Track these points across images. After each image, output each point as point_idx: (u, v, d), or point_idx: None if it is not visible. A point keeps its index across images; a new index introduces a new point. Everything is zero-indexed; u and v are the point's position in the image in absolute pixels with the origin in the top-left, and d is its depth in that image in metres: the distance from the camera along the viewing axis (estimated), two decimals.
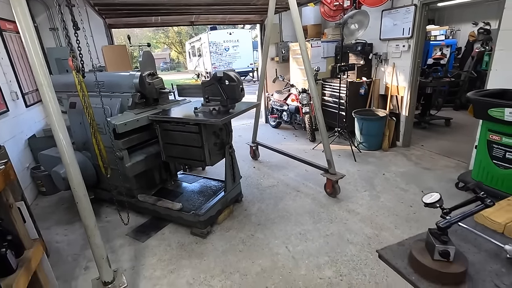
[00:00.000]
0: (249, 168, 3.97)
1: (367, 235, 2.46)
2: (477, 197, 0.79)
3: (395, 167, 3.74)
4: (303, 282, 2.02)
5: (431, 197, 0.87)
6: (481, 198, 0.77)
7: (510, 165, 2.58)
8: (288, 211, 2.89)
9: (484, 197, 0.77)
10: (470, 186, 0.80)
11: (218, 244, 2.46)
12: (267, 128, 5.86)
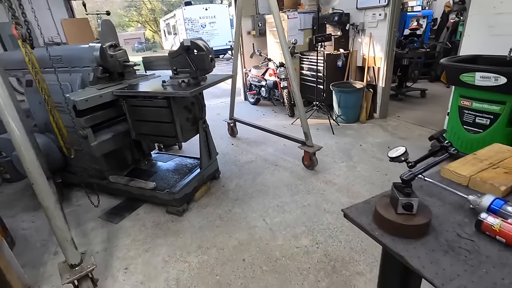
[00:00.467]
0: (227, 145, 3.90)
1: (343, 204, 2.49)
2: (442, 146, 0.75)
3: (372, 138, 3.78)
4: (280, 252, 2.02)
5: (396, 151, 0.83)
6: (445, 147, 0.74)
7: (479, 130, 2.64)
8: (266, 185, 2.87)
9: (448, 145, 0.73)
10: (434, 135, 0.76)
11: (195, 221, 2.42)
12: (246, 106, 5.74)
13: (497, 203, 0.76)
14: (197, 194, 2.70)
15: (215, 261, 1.99)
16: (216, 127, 4.50)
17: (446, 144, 0.73)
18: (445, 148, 0.74)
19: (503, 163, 0.98)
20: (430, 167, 0.76)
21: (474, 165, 0.99)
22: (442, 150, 0.75)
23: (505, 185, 0.87)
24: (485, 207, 0.77)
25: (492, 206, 0.76)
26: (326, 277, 1.80)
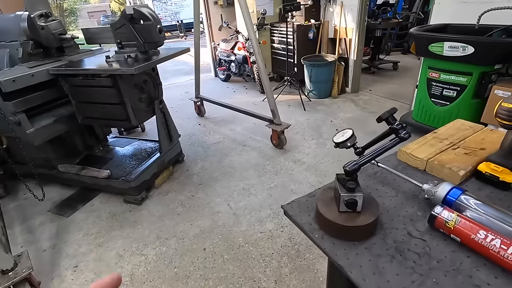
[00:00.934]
0: (194, 126, 3.68)
1: (311, 184, 2.41)
2: (391, 129, 0.61)
3: (343, 113, 3.70)
4: (243, 238, 1.93)
5: (342, 135, 0.69)
6: (395, 129, 0.60)
7: (446, 102, 2.59)
8: (232, 167, 2.73)
9: (399, 128, 0.60)
10: (383, 115, 0.62)
11: (155, 210, 2.25)
12: (216, 82, 5.45)
13: (454, 193, 0.65)
14: (158, 180, 2.52)
15: (174, 252, 1.86)
16: (184, 107, 4.25)
17: (396, 126, 0.60)
18: (395, 131, 0.61)
19: (464, 143, 0.88)
20: (379, 154, 0.63)
21: (433, 146, 0.88)
22: (392, 133, 0.61)
23: (464, 169, 0.76)
24: (441, 198, 0.66)
25: (448, 197, 0.65)
26: (289, 262, 1.73)
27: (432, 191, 0.67)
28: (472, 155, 0.82)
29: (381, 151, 0.62)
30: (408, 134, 0.59)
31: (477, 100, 2.43)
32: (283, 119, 3.55)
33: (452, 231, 0.59)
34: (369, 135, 3.24)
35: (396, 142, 0.60)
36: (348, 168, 0.61)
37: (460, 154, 0.82)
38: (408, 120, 2.99)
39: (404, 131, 0.60)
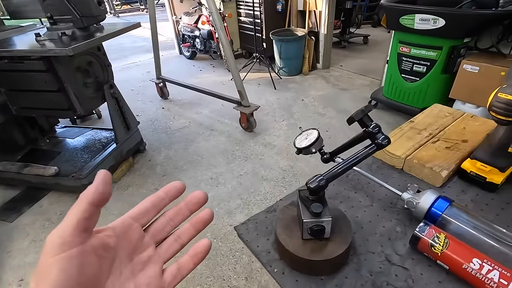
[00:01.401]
0: (157, 110, 3.39)
1: (282, 169, 2.30)
2: (366, 132, 0.47)
3: (314, 91, 3.58)
4: (212, 233, 1.80)
5: (306, 138, 0.54)
6: (371, 134, 0.46)
7: (416, 78, 2.54)
8: (199, 154, 2.55)
9: (376, 132, 0.46)
10: (355, 115, 0.48)
11: (114, 207, 2.05)
12: (181, 60, 5.06)
13: (440, 205, 0.53)
14: (116, 174, 2.28)
15: None
16: (146, 88, 3.91)
17: (372, 129, 0.46)
18: (371, 136, 0.46)
19: (444, 134, 0.77)
20: (351, 165, 0.48)
21: (411, 139, 0.76)
22: (368, 138, 0.47)
23: (447, 168, 0.65)
24: (424, 210, 0.55)
25: (433, 209, 0.54)
26: None
27: (413, 202, 0.56)
28: (454, 149, 0.71)
29: (353, 161, 0.48)
30: (388, 140, 0.46)
31: (446, 75, 2.40)
32: (253, 99, 3.37)
33: (439, 257, 0.48)
34: (341, 114, 3.19)
35: (373, 149, 0.46)
36: (312, 186, 0.47)
37: (441, 149, 0.71)
38: (378, 97, 2.94)
39: (382, 136, 0.46)
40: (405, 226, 0.57)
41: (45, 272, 0.21)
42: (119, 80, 4.20)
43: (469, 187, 0.65)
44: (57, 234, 0.22)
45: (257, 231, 0.59)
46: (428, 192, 0.56)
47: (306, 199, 0.50)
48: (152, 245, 0.29)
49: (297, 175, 2.22)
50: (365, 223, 0.59)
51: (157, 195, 0.30)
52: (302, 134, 0.57)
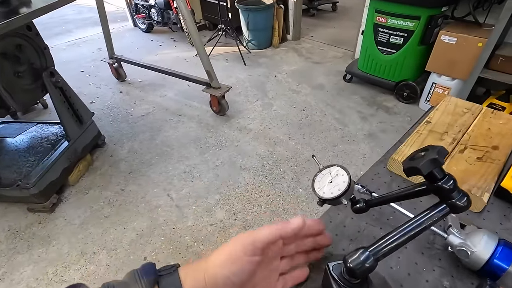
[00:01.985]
0: (114, 94, 3.00)
1: (260, 155, 2.16)
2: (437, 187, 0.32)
3: (287, 66, 3.38)
4: (191, 236, 1.65)
5: (331, 180, 0.38)
6: (444, 191, 0.31)
7: (393, 50, 2.44)
8: (169, 145, 2.30)
9: (452, 189, 0.30)
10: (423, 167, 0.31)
11: (74, 216, 1.79)
12: (136, 34, 4.51)
13: (504, 255, 0.41)
14: (73, 176, 1.99)
15: (106, 270, 1.51)
16: (98, 69, 3.43)
17: (447, 185, 0.30)
18: (441, 193, 0.31)
19: (470, 139, 0.65)
20: (412, 235, 0.33)
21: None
22: (436, 194, 0.32)
23: (488, 190, 0.54)
24: (481, 263, 0.42)
25: (495, 262, 0.41)
26: None
27: (467, 251, 0.43)
28: (487, 160, 0.59)
29: (416, 229, 0.32)
30: (468, 200, 0.31)
31: (423, 47, 2.33)
32: (222, 77, 3.12)
33: None
34: (316, 90, 3.05)
35: (444, 213, 0.31)
36: (355, 267, 0.32)
37: (473, 161, 0.59)
38: (353, 70, 2.83)
39: (460, 195, 0.31)
40: (453, 278, 0.45)
41: (233, 262, 0.31)
42: (65, 60, 3.66)
43: (510, 210, 0.55)
44: (252, 239, 0.31)
45: None
46: (484, 235, 0.43)
47: (344, 283, 0.34)
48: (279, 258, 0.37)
49: (277, 161, 2.10)
50: (404, 278, 0.46)
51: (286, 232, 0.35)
52: (323, 173, 0.41)
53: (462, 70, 2.14)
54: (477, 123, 0.70)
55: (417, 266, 0.47)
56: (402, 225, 0.33)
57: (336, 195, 0.37)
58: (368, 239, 0.52)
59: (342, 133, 2.33)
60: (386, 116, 2.52)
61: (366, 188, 0.52)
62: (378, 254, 0.32)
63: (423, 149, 0.32)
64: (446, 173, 0.30)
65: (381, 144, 2.21)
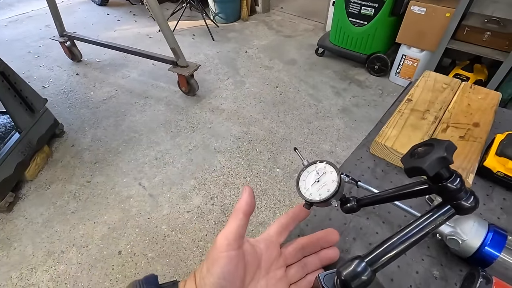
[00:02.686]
0: (70, 77, 2.72)
1: (235, 136, 2.09)
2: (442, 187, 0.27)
3: (258, 41, 3.24)
4: (168, 225, 1.58)
5: (318, 179, 0.33)
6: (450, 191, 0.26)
7: (364, 22, 2.40)
8: (136, 131, 2.16)
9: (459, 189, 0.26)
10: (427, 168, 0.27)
11: (36, 214, 1.65)
12: (90, 8, 4.07)
13: (495, 243, 0.40)
14: (30, 171, 1.80)
15: (78, 269, 1.42)
16: (49, 49, 3.09)
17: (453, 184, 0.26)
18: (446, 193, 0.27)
19: (451, 117, 0.63)
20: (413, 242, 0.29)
21: (417, 128, 0.60)
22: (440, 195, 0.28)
23: (472, 170, 0.52)
24: (471, 251, 0.41)
25: (487, 250, 0.40)
26: None
27: (458, 240, 0.41)
28: (469, 139, 0.57)
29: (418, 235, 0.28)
30: (476, 201, 0.27)
31: (393, 18, 2.30)
32: (189, 54, 2.95)
33: None
34: (288, 65, 2.97)
35: (450, 215, 0.28)
36: (351, 282, 0.28)
37: (456, 140, 0.58)
38: (325, 44, 2.77)
39: (467, 195, 0.27)
40: (443, 267, 0.44)
41: (216, 261, 0.29)
42: (7, 40, 3.23)
43: (492, 189, 0.54)
44: (225, 236, 0.30)
45: None
46: (474, 222, 0.41)
47: None
48: (284, 267, 0.35)
49: (252, 142, 2.05)
50: (394, 271, 0.43)
51: (288, 217, 0.37)
52: (308, 171, 0.35)
53: (430, 41, 2.16)
54: (457, 99, 0.68)
55: (406, 257, 0.45)
56: (401, 230, 0.29)
57: (325, 197, 0.32)
58: (355, 231, 0.49)
59: (316, 109, 2.31)
60: (358, 90, 2.52)
61: (351, 177, 0.48)
62: (376, 265, 0.28)
63: (425, 142, 0.28)
64: (452, 171, 0.26)
65: (354, 119, 2.23)
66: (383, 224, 0.49)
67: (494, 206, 0.51)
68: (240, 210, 0.31)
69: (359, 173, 0.58)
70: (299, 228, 0.49)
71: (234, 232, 0.30)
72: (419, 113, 0.64)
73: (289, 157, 1.94)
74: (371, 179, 0.57)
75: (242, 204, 0.32)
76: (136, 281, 0.32)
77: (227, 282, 0.28)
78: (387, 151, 0.58)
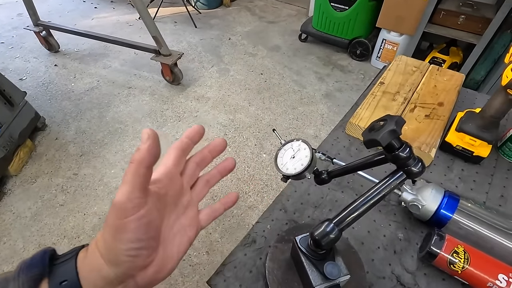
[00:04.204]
0: (48, 68, 2.63)
1: (222, 124, 2.11)
2: (394, 156, 0.32)
3: (241, 27, 3.21)
4: None
5: (294, 155, 0.37)
6: (401, 158, 0.31)
7: (345, 7, 2.43)
8: (121, 122, 2.14)
9: (408, 156, 0.31)
10: (380, 139, 0.31)
11: (23, 208, 1.64)
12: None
13: (449, 206, 0.46)
14: (13, 166, 1.78)
15: None
16: (23, 39, 2.96)
17: (403, 153, 0.31)
18: (398, 160, 0.32)
19: (419, 97, 0.68)
20: (373, 203, 0.34)
21: (388, 109, 0.66)
22: (394, 162, 0.33)
23: (435, 145, 0.58)
24: (429, 214, 0.47)
25: (442, 212, 0.46)
26: (217, 226, 1.57)
27: (418, 205, 0.47)
28: (434, 117, 0.63)
29: (377, 196, 0.33)
30: (423, 166, 0.32)
31: (374, 2, 2.34)
32: (172, 42, 2.91)
33: (459, 274, 0.41)
34: (272, 51, 2.98)
35: (402, 179, 0.32)
36: (321, 240, 0.32)
37: (422, 119, 0.63)
38: (308, 29, 2.79)
39: (415, 162, 0.31)
40: (406, 230, 0.50)
41: (121, 231, 0.24)
42: None
43: (452, 161, 0.60)
44: (126, 197, 0.24)
45: (239, 281, 0.44)
46: (432, 189, 0.47)
47: (311, 254, 0.35)
48: (189, 190, 0.33)
49: (239, 129, 2.08)
50: (364, 236, 0.49)
51: (183, 142, 0.33)
52: (285, 148, 0.39)
53: (409, 25, 2.21)
54: (425, 81, 0.73)
55: (376, 223, 0.51)
56: (363, 194, 0.34)
57: (299, 170, 0.37)
58: (331, 203, 0.54)
59: (300, 95, 2.35)
60: (341, 75, 2.57)
61: (327, 155, 0.53)
62: (342, 225, 0.33)
63: (381, 118, 0.32)
64: (403, 142, 0.31)
65: (337, 104, 2.29)
66: (356, 196, 0.55)
67: (454, 176, 0.58)
68: (142, 163, 0.24)
69: (336, 152, 0.63)
70: (281, 203, 0.54)
71: (137, 190, 0.24)
72: (390, 95, 0.69)
73: (275, 142, 1.98)
74: (346, 157, 0.62)
75: (143, 153, 0.24)
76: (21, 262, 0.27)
77: (142, 243, 0.25)
78: (361, 131, 0.63)
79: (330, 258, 0.35)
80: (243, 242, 0.49)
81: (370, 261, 0.46)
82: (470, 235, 0.45)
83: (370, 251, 0.47)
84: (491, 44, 1.98)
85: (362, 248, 0.48)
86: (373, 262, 0.46)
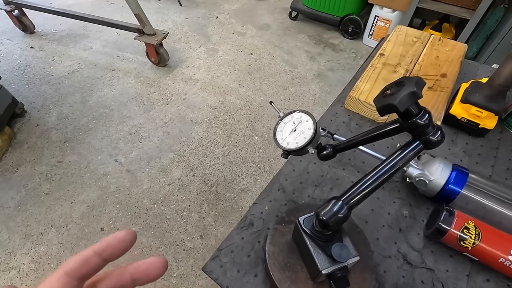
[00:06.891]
0: (24, 51, 2.47)
1: (212, 106, 2.05)
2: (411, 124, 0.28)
3: (228, 5, 3.07)
4: (149, 199, 1.57)
5: (295, 128, 0.33)
6: (418, 127, 0.27)
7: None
8: (106, 106, 2.04)
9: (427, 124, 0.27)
10: (398, 104, 0.27)
11: (6, 198, 1.57)
12: None
13: (457, 181, 0.43)
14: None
15: (60, 249, 1.40)
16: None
17: (421, 120, 0.27)
18: (415, 129, 0.28)
19: (421, 69, 0.65)
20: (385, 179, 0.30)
21: (388, 81, 0.62)
22: (410, 132, 0.29)
23: (439, 118, 0.55)
24: (437, 190, 0.44)
25: (450, 187, 0.43)
26: (210, 210, 1.54)
27: (425, 181, 0.44)
28: (437, 89, 0.60)
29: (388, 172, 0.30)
30: (443, 135, 0.28)
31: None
32: (156, 22, 2.76)
33: (469, 251, 0.39)
34: (262, 30, 2.87)
35: (418, 150, 0.29)
36: (329, 220, 0.29)
37: (425, 91, 0.60)
38: (299, 7, 2.69)
39: (434, 130, 0.28)
40: (411, 207, 0.47)
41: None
42: None
43: (456, 135, 0.58)
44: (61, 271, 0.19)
45: (237, 266, 0.41)
46: (440, 164, 0.44)
47: (317, 236, 0.32)
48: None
49: (229, 111, 2.02)
50: (368, 214, 0.46)
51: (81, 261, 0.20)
52: (284, 121, 0.35)
53: (402, 1, 2.15)
54: (426, 52, 0.69)
55: (379, 200, 0.48)
56: (374, 169, 0.30)
57: (302, 144, 0.33)
58: (332, 182, 0.51)
59: (292, 75, 2.29)
60: (333, 53, 2.51)
61: (327, 130, 0.49)
62: (351, 203, 0.30)
63: (396, 82, 0.28)
64: (421, 108, 0.27)
65: (329, 83, 2.24)
66: (358, 173, 0.52)
67: (458, 150, 0.55)
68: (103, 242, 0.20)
69: (335, 128, 0.59)
70: (278, 183, 0.50)
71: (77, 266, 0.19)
72: (391, 67, 0.65)
73: (267, 124, 1.94)
74: (346, 132, 0.58)
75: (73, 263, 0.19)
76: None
77: None
78: (361, 105, 0.59)
79: (337, 239, 0.32)
80: (239, 225, 0.45)
81: (375, 240, 0.44)
82: (478, 210, 0.43)
83: (375, 230, 0.45)
84: (483, 20, 1.95)
85: (366, 227, 0.45)
86: (378, 241, 0.44)
